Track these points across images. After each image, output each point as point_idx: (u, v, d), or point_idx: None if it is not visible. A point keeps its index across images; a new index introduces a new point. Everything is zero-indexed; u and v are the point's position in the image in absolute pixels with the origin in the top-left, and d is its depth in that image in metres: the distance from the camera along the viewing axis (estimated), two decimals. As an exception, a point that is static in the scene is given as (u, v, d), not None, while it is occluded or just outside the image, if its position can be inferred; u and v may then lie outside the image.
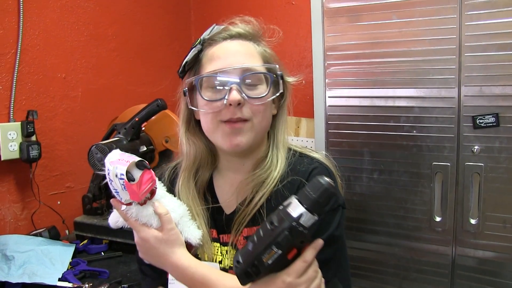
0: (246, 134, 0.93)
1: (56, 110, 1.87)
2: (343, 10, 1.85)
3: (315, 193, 0.73)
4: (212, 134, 0.97)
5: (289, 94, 1.04)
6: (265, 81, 0.96)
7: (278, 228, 0.73)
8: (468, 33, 1.63)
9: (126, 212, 0.92)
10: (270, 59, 1.01)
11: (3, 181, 1.67)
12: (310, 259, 0.78)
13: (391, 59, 1.79)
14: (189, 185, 1.02)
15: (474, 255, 1.72)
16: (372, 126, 1.86)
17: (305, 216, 0.72)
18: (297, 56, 2.40)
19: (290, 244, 0.74)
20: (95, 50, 2.07)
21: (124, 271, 1.54)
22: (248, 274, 0.77)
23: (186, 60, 0.98)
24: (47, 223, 1.79)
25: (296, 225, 0.72)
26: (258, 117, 0.94)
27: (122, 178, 0.84)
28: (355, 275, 1.98)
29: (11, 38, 1.68)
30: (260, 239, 0.75)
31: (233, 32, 0.98)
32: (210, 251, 0.99)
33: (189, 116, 1.03)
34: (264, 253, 0.74)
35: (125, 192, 0.86)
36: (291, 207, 0.74)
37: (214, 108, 0.93)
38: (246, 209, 0.96)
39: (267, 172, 0.98)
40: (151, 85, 2.39)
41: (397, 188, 1.85)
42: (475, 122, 1.65)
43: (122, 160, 0.86)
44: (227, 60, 0.93)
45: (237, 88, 0.90)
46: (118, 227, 0.99)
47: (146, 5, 2.39)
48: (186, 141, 1.03)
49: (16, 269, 1.40)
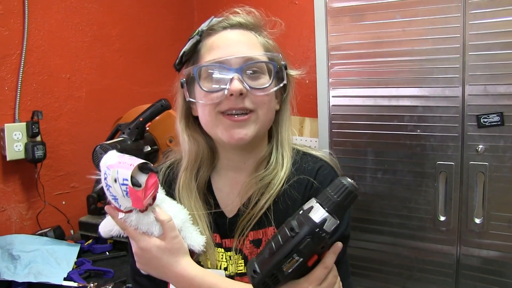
0: (250, 127, 0.87)
1: (60, 111, 1.89)
2: (346, 9, 1.85)
3: (338, 196, 0.69)
4: (212, 128, 0.90)
5: (291, 88, 1.00)
6: (267, 71, 0.91)
7: (300, 234, 0.68)
8: (472, 32, 1.62)
9: (125, 221, 0.84)
10: (273, 50, 0.95)
11: (8, 181, 1.68)
12: (330, 265, 0.75)
13: (395, 58, 1.78)
14: (191, 187, 0.95)
15: (479, 255, 1.71)
16: (376, 126, 1.86)
17: (328, 220, 0.68)
18: (300, 56, 2.40)
19: (311, 251, 0.70)
20: (99, 51, 2.08)
21: (129, 270, 1.54)
22: (266, 284, 0.72)
23: (183, 50, 0.91)
24: (52, 223, 1.80)
25: (318, 230, 0.68)
26: (263, 108, 0.89)
27: (125, 184, 0.75)
28: (359, 274, 1.98)
29: (16, 39, 1.69)
30: (280, 247, 0.70)
31: (234, 22, 0.93)
32: (214, 257, 0.93)
33: (187, 111, 0.97)
34: (285, 262, 0.69)
35: (127, 199, 0.77)
36: (312, 212, 0.69)
37: (214, 99, 0.86)
38: (252, 212, 0.91)
39: (273, 173, 0.92)
40: (154, 85, 2.40)
41: (401, 188, 1.84)
42: (479, 121, 1.65)
43: (123, 163, 0.77)
44: (227, 50, 0.88)
45: (239, 77, 0.84)
46: (111, 236, 0.92)
47: (150, 6, 2.40)
48: (187, 138, 0.96)
49: (22, 269, 1.41)
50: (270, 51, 0.94)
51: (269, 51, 0.94)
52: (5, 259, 1.45)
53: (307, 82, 2.37)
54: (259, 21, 0.97)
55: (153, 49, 2.42)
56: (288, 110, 1.00)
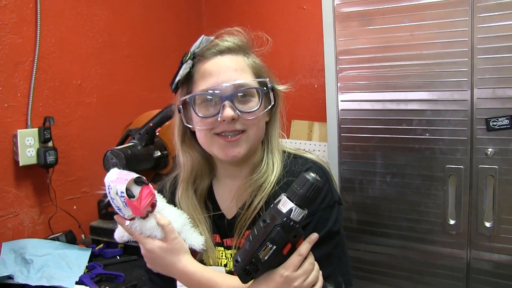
0: (243, 145, 0.97)
1: (71, 116, 1.91)
2: (354, 14, 1.86)
3: (302, 188, 0.77)
4: (209, 147, 1.00)
5: (280, 100, 1.07)
6: (256, 93, 0.99)
7: (271, 224, 0.78)
8: (480, 35, 1.62)
9: (131, 227, 0.96)
10: (260, 70, 1.03)
11: (21, 186, 1.71)
12: (305, 253, 0.83)
13: (403, 62, 1.79)
14: (188, 195, 1.06)
15: (489, 259, 1.70)
16: (385, 130, 1.86)
17: (294, 210, 0.77)
18: (309, 60, 2.41)
19: (283, 238, 0.78)
20: (109, 57, 2.10)
21: (140, 274, 1.56)
22: (248, 272, 0.82)
23: (178, 78, 1.00)
24: (63, 227, 1.82)
25: (286, 220, 0.77)
26: (253, 128, 0.98)
27: (123, 196, 0.88)
28: (368, 278, 1.98)
29: (28, 46, 1.72)
30: (255, 237, 0.80)
31: (223, 48, 1.00)
32: (214, 255, 1.04)
33: (184, 130, 1.06)
34: (260, 250, 0.79)
35: (127, 209, 0.90)
36: (281, 204, 0.78)
37: (209, 124, 0.96)
38: (247, 213, 1.00)
39: (264, 176, 1.01)
40: (164, 91, 2.39)
41: (410, 191, 1.84)
42: (488, 124, 1.64)
43: (120, 178, 0.90)
44: (219, 77, 0.96)
45: (230, 104, 0.93)
46: (124, 241, 1.04)
47: (159, 12, 2.42)
48: (182, 154, 1.07)
49: (35, 272, 1.43)
50: (258, 72, 1.02)
51: (257, 72, 1.02)
52: (19, 263, 1.47)
53: (315, 87, 2.39)
54: (247, 42, 1.04)
55: (162, 55, 2.44)
56: (277, 120, 1.08)
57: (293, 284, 0.82)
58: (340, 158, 1.98)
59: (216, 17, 2.75)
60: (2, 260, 1.46)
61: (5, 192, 1.65)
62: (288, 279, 0.81)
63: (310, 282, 0.84)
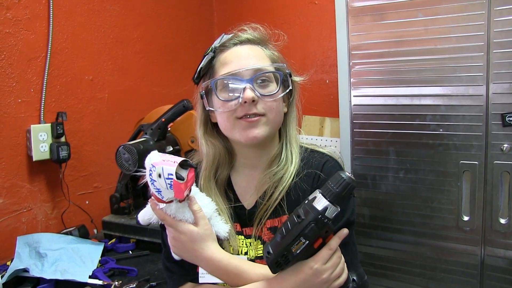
0: (262, 127, 1.00)
1: (84, 112, 1.92)
2: (367, 8, 1.84)
3: (337, 187, 0.80)
4: (230, 131, 1.03)
5: (296, 92, 1.11)
6: (275, 79, 1.04)
7: (305, 220, 0.80)
8: (497, 29, 1.59)
9: (165, 210, 0.96)
10: (278, 60, 1.08)
11: (34, 181, 1.72)
12: (335, 247, 0.87)
13: (417, 57, 1.77)
14: (210, 184, 1.09)
15: (504, 256, 1.68)
16: (398, 125, 1.84)
17: (329, 208, 0.80)
18: (321, 56, 2.40)
19: (316, 234, 0.82)
20: (121, 53, 2.11)
21: (152, 269, 1.57)
22: (278, 264, 0.85)
23: (200, 66, 1.05)
24: (76, 222, 1.84)
25: (321, 217, 0.80)
26: (272, 112, 1.01)
27: (170, 178, 0.88)
28: (381, 274, 1.96)
29: (41, 42, 1.73)
30: (288, 231, 0.82)
31: (243, 38, 1.07)
32: (236, 243, 1.05)
33: (206, 119, 1.10)
34: (293, 244, 0.82)
35: (170, 191, 0.90)
36: (316, 201, 0.81)
37: (230, 107, 0.99)
38: (268, 203, 1.03)
39: (284, 168, 1.05)
40: (175, 86, 2.42)
41: (424, 187, 1.82)
42: (504, 119, 1.62)
43: (167, 160, 0.90)
44: (239, 63, 1.01)
45: (250, 87, 0.97)
46: (152, 223, 1.04)
47: (170, 8, 2.42)
48: (205, 143, 1.10)
49: (49, 266, 1.44)
50: (276, 61, 1.08)
51: (276, 62, 1.07)
52: (33, 256, 1.48)
53: (327, 82, 2.37)
54: (265, 35, 1.11)
55: (173, 51, 2.44)
56: (295, 112, 1.13)
57: (322, 277, 0.85)
58: (352, 153, 1.97)
59: (226, 12, 2.74)
60: (17, 254, 1.47)
61: (19, 187, 1.66)
62: (317, 272, 0.85)
63: (336, 274, 0.88)
